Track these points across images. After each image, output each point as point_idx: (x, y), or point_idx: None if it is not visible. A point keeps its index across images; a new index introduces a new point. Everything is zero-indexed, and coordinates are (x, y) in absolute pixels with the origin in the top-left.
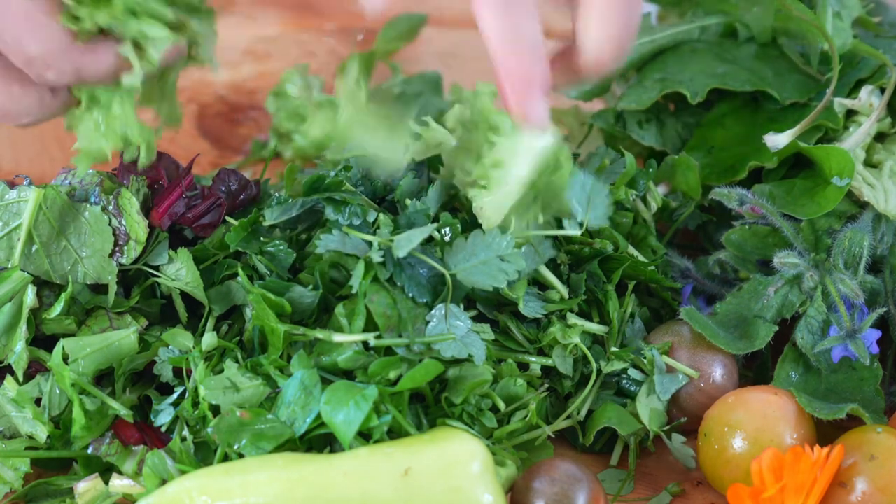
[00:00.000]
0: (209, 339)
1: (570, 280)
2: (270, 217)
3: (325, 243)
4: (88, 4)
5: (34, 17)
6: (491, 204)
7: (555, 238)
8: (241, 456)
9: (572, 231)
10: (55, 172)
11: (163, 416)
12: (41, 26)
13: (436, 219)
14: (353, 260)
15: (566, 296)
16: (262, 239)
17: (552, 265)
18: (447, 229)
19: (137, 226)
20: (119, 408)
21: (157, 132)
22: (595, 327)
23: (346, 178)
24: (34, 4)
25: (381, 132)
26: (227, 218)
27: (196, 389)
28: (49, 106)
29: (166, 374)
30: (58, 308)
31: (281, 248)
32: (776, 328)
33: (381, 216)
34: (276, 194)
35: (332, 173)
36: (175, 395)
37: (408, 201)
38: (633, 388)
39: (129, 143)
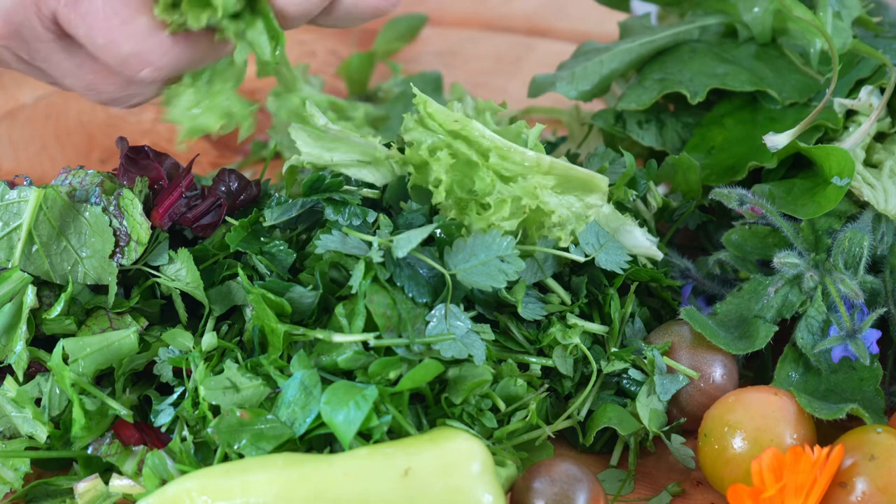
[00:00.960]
0: (209, 340)
1: (571, 282)
2: (270, 218)
3: (325, 243)
4: (192, 6)
5: (123, 13)
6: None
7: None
8: (241, 456)
9: (576, 256)
10: (55, 172)
11: (163, 417)
12: (131, 23)
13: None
14: (353, 260)
15: (568, 301)
16: (262, 239)
17: None
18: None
19: (140, 227)
20: (119, 408)
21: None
22: (595, 327)
23: (346, 179)
24: (122, 2)
25: None
26: (227, 218)
27: (196, 389)
28: (155, 89)
29: (166, 374)
30: (57, 308)
31: (281, 248)
32: (776, 328)
33: (381, 217)
34: (276, 195)
35: (331, 174)
36: (175, 396)
37: (402, 203)
38: (633, 389)
39: (231, 118)
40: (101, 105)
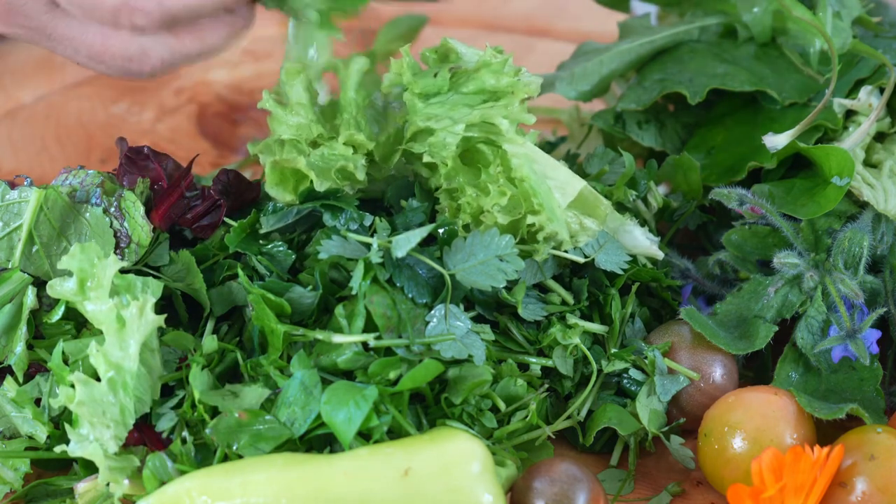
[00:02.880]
0: (210, 342)
1: (573, 284)
2: (267, 225)
3: (327, 249)
4: None
5: None
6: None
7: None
8: (240, 457)
9: (576, 257)
10: (55, 172)
11: (164, 421)
12: None
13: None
14: (353, 260)
15: (570, 300)
16: (261, 241)
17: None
18: (443, 229)
19: (141, 229)
20: None
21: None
22: (595, 327)
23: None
24: None
25: None
26: (227, 219)
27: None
28: (164, 45)
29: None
30: (59, 312)
31: (280, 249)
32: (776, 328)
33: (377, 220)
34: (272, 203)
35: None
36: (176, 399)
37: (403, 202)
38: (633, 389)
39: None
40: (103, 105)
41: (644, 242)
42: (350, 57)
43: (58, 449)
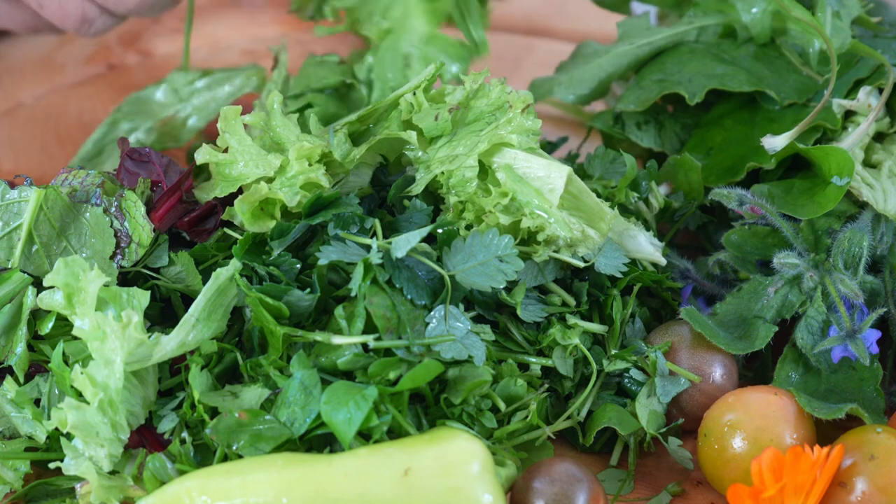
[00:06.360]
0: (208, 343)
1: (573, 286)
2: (276, 248)
3: (326, 255)
4: None
5: None
6: None
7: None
8: (240, 457)
9: (575, 261)
10: (55, 172)
11: (166, 423)
12: None
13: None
14: (352, 263)
15: (571, 302)
16: (266, 249)
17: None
18: (442, 229)
19: (142, 229)
20: None
21: None
22: (595, 327)
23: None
24: None
25: None
26: (227, 230)
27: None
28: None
29: (165, 377)
30: (49, 323)
31: (285, 259)
32: (776, 328)
33: (377, 223)
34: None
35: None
36: (177, 401)
37: (406, 202)
38: (634, 388)
39: None
40: (103, 105)
41: (648, 248)
42: (352, 55)
43: (52, 465)
